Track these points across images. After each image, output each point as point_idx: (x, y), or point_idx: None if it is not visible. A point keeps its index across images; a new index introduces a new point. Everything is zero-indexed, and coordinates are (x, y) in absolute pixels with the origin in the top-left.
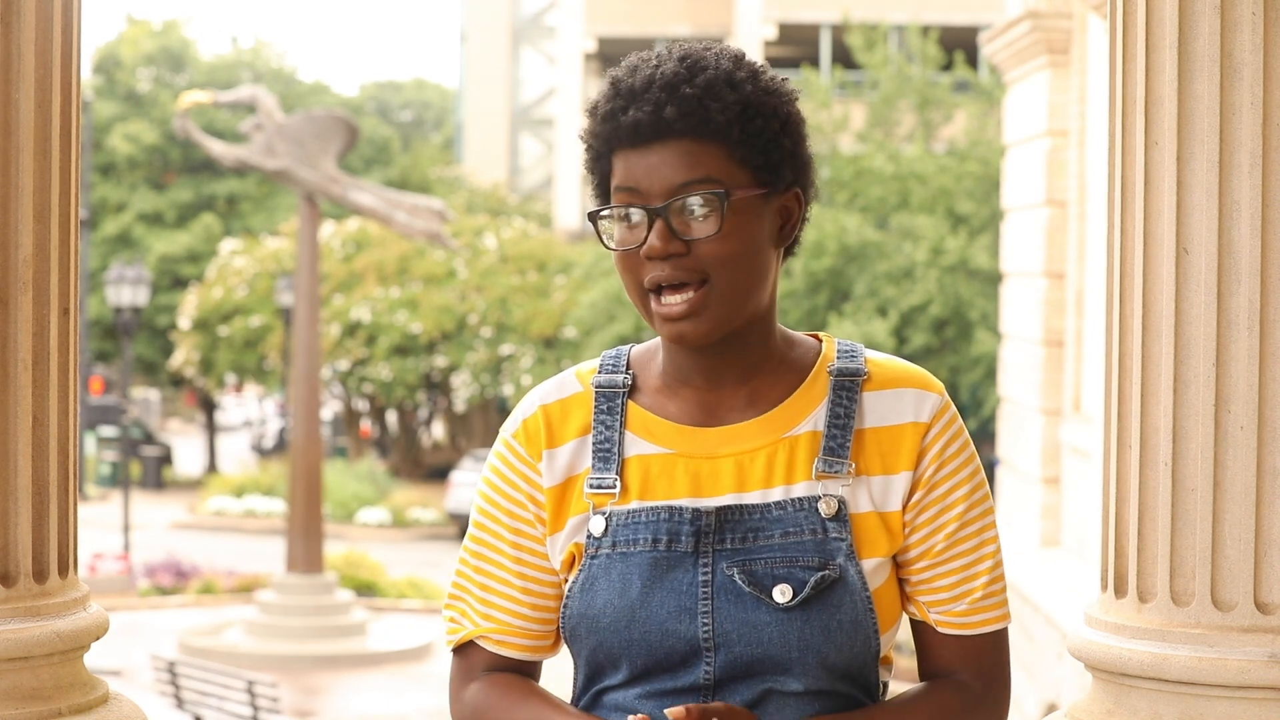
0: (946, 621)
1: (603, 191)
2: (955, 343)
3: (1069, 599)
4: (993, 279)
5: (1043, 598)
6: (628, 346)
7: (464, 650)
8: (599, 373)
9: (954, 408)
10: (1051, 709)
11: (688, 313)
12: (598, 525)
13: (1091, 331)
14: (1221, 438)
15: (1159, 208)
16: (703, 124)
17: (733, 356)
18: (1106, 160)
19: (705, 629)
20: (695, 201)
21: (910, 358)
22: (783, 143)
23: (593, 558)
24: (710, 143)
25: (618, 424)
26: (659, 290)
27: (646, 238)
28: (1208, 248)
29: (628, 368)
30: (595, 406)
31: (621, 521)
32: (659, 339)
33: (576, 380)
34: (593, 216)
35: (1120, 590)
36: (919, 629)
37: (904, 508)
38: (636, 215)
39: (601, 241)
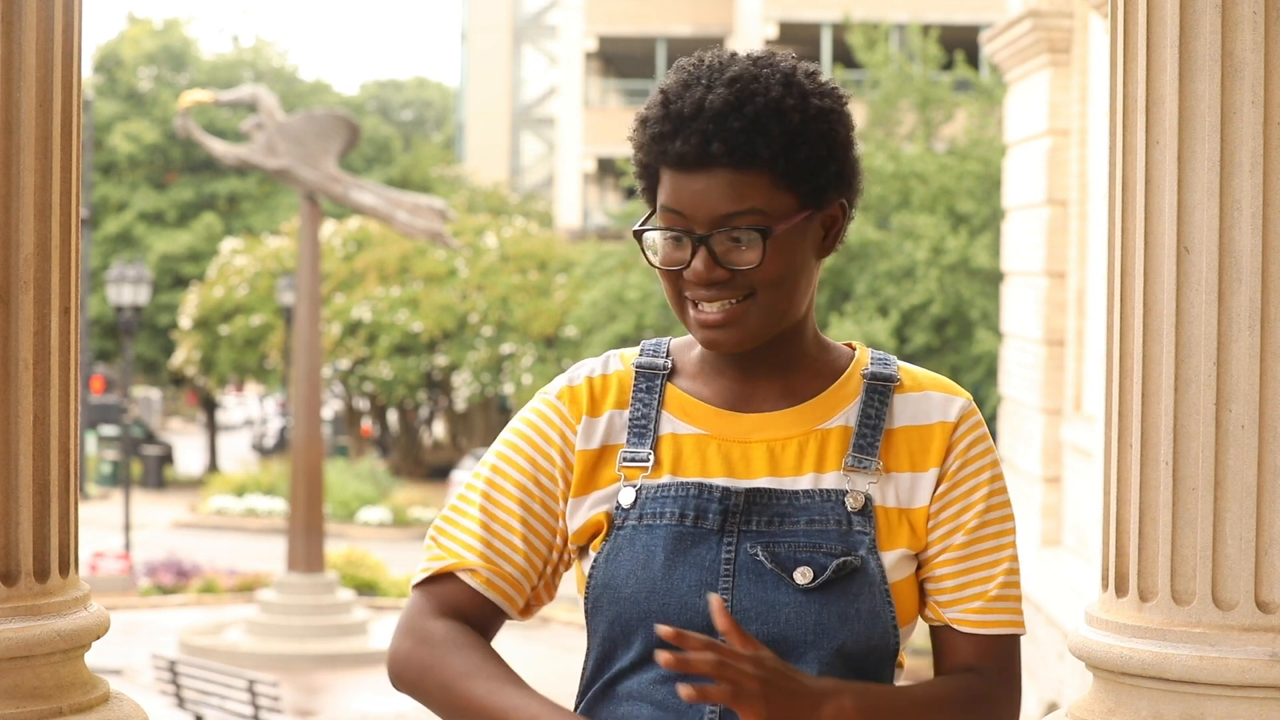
0: (961, 619)
1: (650, 199)
2: (956, 342)
3: (1070, 598)
4: (993, 278)
5: (1044, 597)
6: (668, 338)
7: (437, 583)
8: (640, 355)
9: (980, 415)
10: (1052, 708)
11: (724, 321)
12: (627, 497)
13: (1092, 331)
14: (1222, 437)
15: (1160, 207)
16: (748, 158)
17: (768, 353)
18: (1107, 159)
19: (724, 604)
20: (738, 233)
21: (911, 357)
22: (829, 167)
23: (619, 529)
24: (755, 172)
25: (655, 402)
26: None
27: (690, 261)
28: (1209, 247)
29: (668, 354)
30: (635, 385)
31: (651, 494)
32: None
33: (619, 360)
34: (638, 234)
35: (1121, 589)
36: (934, 634)
37: (930, 502)
38: (681, 237)
39: (645, 257)
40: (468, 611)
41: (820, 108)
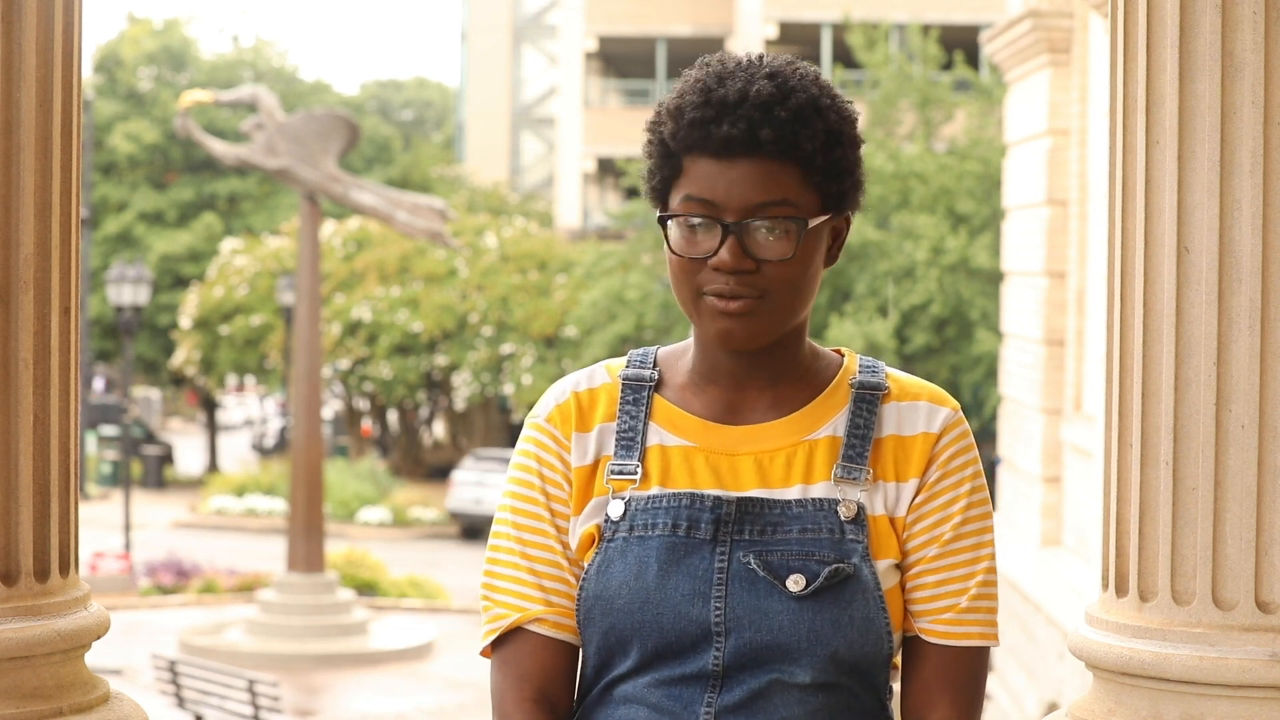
0: (931, 630)
1: (662, 188)
2: (956, 342)
3: (1070, 598)
4: (993, 278)
5: (1044, 597)
6: (654, 347)
7: (508, 645)
8: (627, 366)
9: (967, 424)
10: (1052, 708)
11: (741, 311)
12: (616, 509)
13: (1092, 331)
14: (1222, 437)
15: (1160, 207)
16: (792, 148)
17: (762, 360)
18: (1107, 159)
19: (717, 613)
20: (770, 223)
21: (911, 357)
22: (855, 171)
23: (609, 541)
24: (791, 165)
25: (642, 414)
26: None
27: (717, 250)
28: (1209, 247)
29: (654, 365)
30: (621, 397)
31: (641, 506)
32: (688, 341)
33: (605, 372)
34: (663, 220)
35: (1121, 589)
36: (905, 643)
37: (907, 512)
38: (709, 225)
39: (666, 243)
40: (548, 664)
41: (847, 110)
